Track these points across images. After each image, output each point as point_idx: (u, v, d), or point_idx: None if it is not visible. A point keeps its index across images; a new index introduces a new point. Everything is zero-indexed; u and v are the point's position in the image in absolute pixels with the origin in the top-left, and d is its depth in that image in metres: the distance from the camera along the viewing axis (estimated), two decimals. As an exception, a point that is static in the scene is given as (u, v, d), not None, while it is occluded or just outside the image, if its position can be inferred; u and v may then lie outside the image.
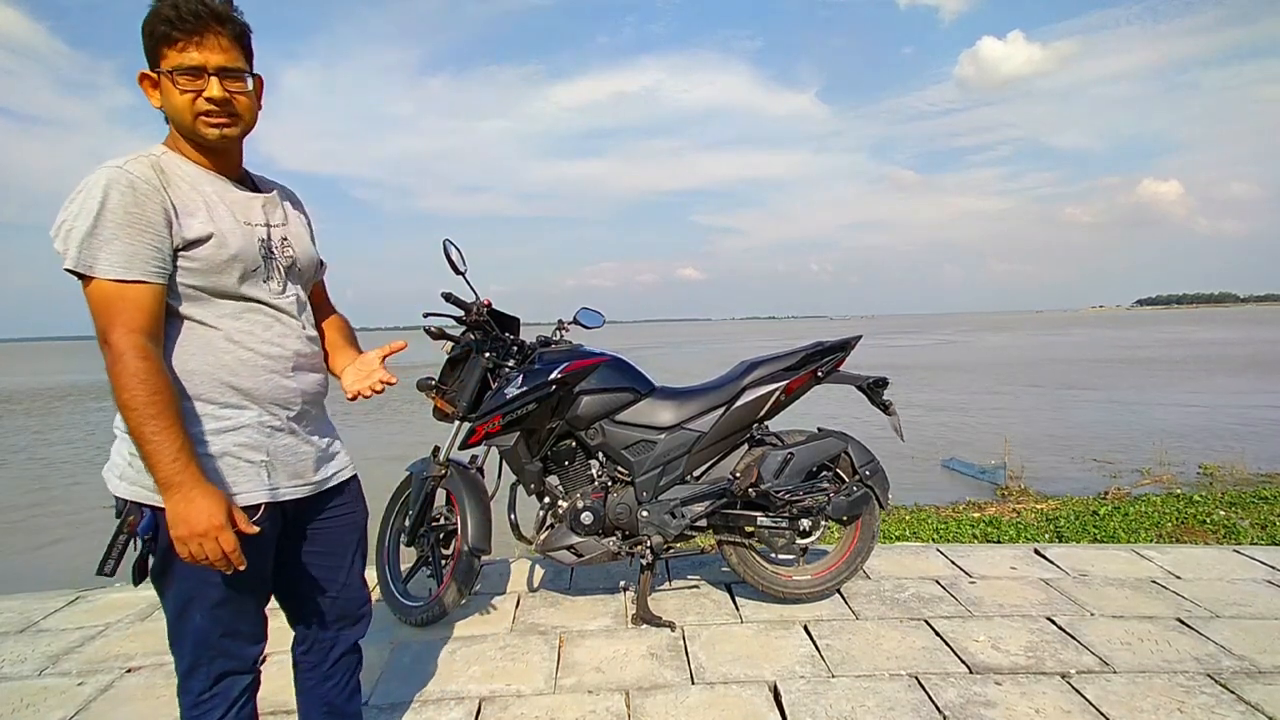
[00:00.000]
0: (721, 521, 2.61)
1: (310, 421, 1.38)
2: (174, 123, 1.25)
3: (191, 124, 1.22)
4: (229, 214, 1.25)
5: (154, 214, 1.15)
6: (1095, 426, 9.63)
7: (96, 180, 1.13)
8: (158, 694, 2.16)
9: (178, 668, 1.29)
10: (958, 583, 2.85)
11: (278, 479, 1.30)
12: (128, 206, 1.13)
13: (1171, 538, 3.99)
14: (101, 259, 1.12)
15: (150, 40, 1.20)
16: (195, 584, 1.23)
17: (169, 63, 1.19)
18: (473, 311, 2.58)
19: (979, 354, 27.60)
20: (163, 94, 1.22)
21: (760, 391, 2.63)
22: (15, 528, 6.57)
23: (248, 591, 1.30)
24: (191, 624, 1.26)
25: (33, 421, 14.82)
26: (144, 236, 1.14)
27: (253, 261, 1.27)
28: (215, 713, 1.29)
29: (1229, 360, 20.09)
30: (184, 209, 1.20)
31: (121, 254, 1.12)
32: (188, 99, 1.20)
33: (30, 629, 2.69)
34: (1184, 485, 5.90)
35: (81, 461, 9.85)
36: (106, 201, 1.12)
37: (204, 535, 1.12)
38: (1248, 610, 2.55)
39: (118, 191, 1.13)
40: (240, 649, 1.31)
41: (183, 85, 1.20)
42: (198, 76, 1.20)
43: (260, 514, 1.25)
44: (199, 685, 1.28)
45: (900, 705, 1.98)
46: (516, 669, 2.24)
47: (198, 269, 1.21)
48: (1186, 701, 1.97)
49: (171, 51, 1.19)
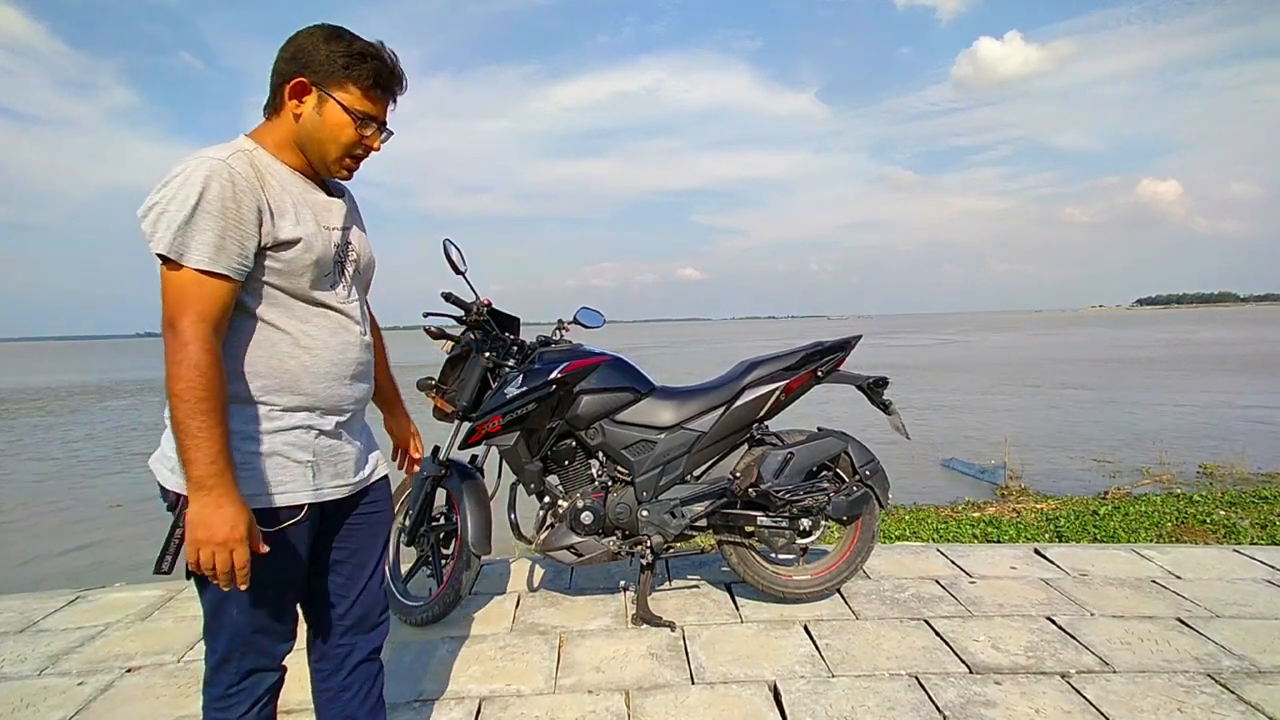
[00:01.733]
0: (721, 521, 2.61)
1: (355, 423, 1.40)
2: (310, 140, 1.27)
3: (335, 161, 1.29)
4: (313, 218, 1.27)
5: (248, 211, 1.16)
6: (1095, 426, 9.63)
7: (198, 169, 1.14)
8: (158, 694, 2.16)
9: (208, 660, 1.30)
10: (958, 583, 2.85)
11: (322, 479, 1.31)
12: (225, 200, 1.14)
13: (1171, 537, 3.99)
14: (192, 247, 1.12)
15: (340, 67, 1.23)
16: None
17: (355, 104, 1.25)
18: (473, 311, 2.58)
19: (979, 354, 27.61)
20: (321, 116, 1.25)
21: (760, 391, 2.63)
22: (15, 527, 6.57)
23: (284, 589, 1.31)
24: (228, 618, 1.26)
25: (32, 421, 14.83)
26: (235, 232, 1.15)
27: (327, 266, 1.28)
28: (240, 708, 1.29)
29: (1229, 360, 20.10)
30: (277, 209, 1.21)
31: (211, 245, 1.13)
32: (352, 138, 1.27)
33: (30, 629, 2.69)
34: (1184, 485, 5.90)
35: (81, 461, 9.85)
36: (206, 192, 1.12)
37: (221, 544, 1.11)
38: (1248, 610, 2.55)
39: (218, 184, 1.13)
40: (271, 645, 1.32)
41: (359, 127, 1.27)
42: (368, 125, 1.28)
43: (304, 514, 1.27)
44: (228, 679, 1.29)
45: (900, 705, 1.98)
46: (516, 669, 2.24)
47: (280, 270, 1.22)
48: (1186, 701, 1.97)
49: (362, 96, 1.26)
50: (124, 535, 6.03)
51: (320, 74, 1.23)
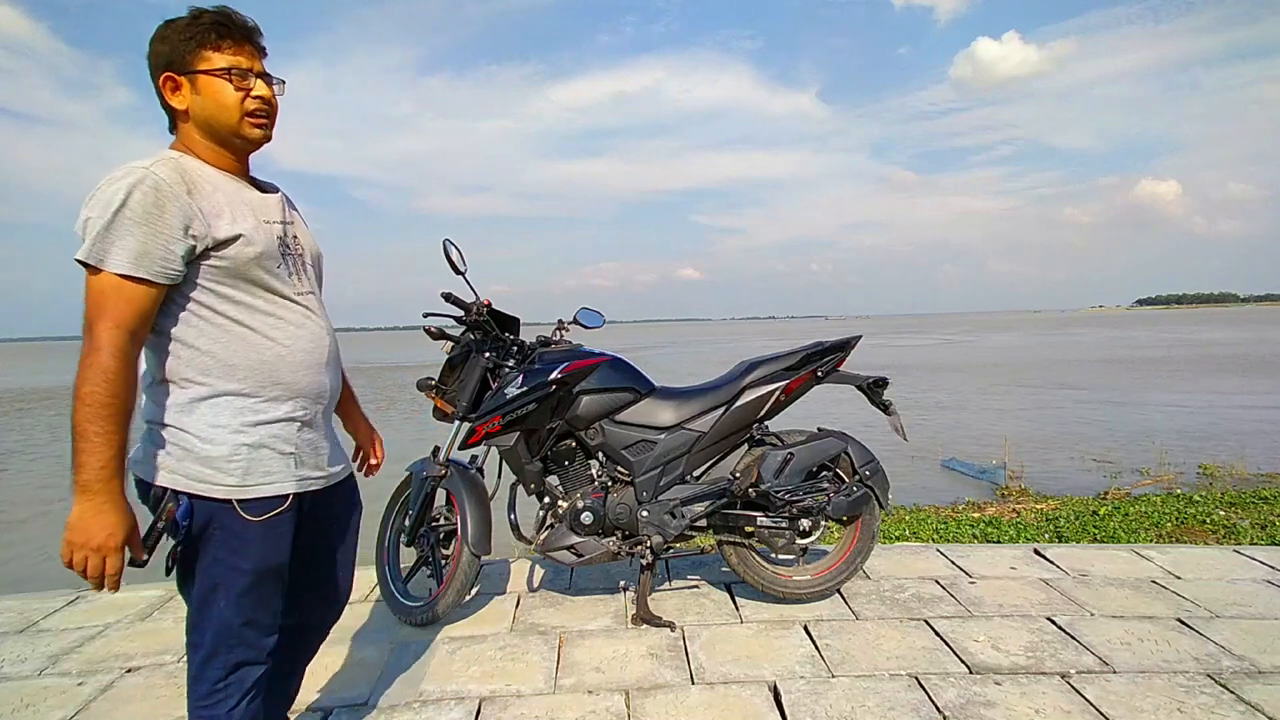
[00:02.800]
0: (721, 521, 2.61)
1: (325, 417, 1.45)
2: (208, 123, 1.29)
3: (237, 123, 1.30)
4: (250, 213, 1.30)
5: (172, 217, 1.19)
6: (1095, 426, 9.63)
7: (122, 178, 1.17)
8: (158, 694, 2.16)
9: (193, 657, 1.31)
10: (957, 583, 2.85)
11: (304, 469, 1.36)
12: (147, 206, 1.17)
13: (1171, 538, 3.99)
14: (112, 253, 1.15)
15: (188, 43, 1.26)
16: (222, 570, 1.28)
17: (216, 63, 1.27)
18: (473, 311, 2.58)
19: (979, 354, 27.60)
20: (200, 94, 1.27)
21: (760, 391, 2.63)
22: (16, 527, 6.57)
23: (270, 581, 1.34)
24: (215, 611, 1.29)
25: (32, 421, 14.83)
26: (157, 238, 1.17)
27: (275, 258, 1.33)
28: (229, 702, 1.30)
29: (1229, 360, 20.10)
30: (210, 211, 1.24)
31: (131, 251, 1.16)
32: (238, 96, 1.28)
33: (30, 629, 2.69)
34: (1184, 485, 5.90)
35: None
36: (128, 200, 1.16)
37: (96, 550, 1.14)
38: (1248, 610, 2.55)
39: (140, 191, 1.17)
40: (258, 639, 1.34)
41: (236, 83, 1.28)
42: (244, 77, 1.29)
43: (288, 503, 1.32)
44: (215, 674, 1.30)
45: (900, 705, 1.98)
46: (516, 669, 2.24)
47: (228, 267, 1.26)
48: (1186, 701, 1.97)
49: (218, 55, 1.27)
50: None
51: (176, 61, 1.27)
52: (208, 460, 1.24)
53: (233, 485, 1.25)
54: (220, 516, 1.26)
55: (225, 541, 1.27)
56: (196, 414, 1.25)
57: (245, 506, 1.26)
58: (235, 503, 1.26)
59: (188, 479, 1.24)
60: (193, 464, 1.24)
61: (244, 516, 1.27)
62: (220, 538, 1.27)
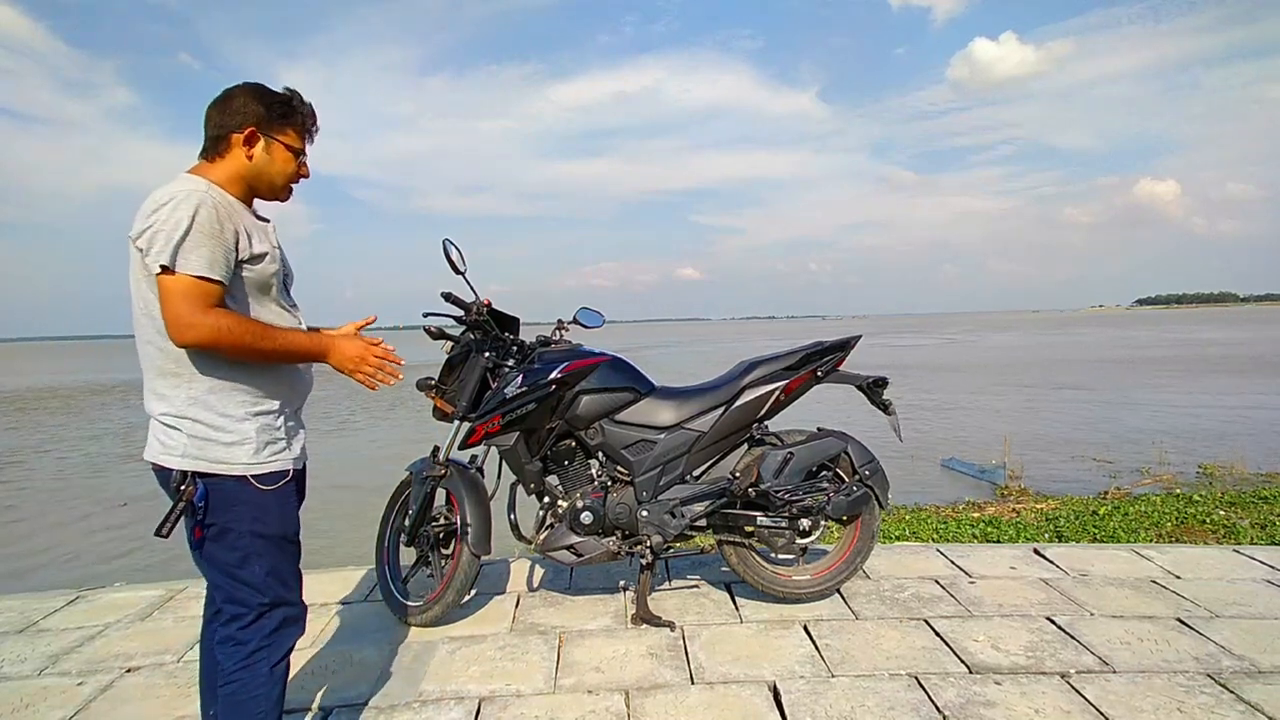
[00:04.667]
0: (721, 521, 2.61)
1: (301, 410, 1.68)
2: (261, 175, 1.57)
3: (282, 185, 1.62)
4: (265, 237, 1.56)
5: (229, 232, 1.44)
6: (1095, 426, 9.63)
7: (187, 198, 1.39)
8: (157, 694, 2.16)
9: (245, 615, 1.50)
10: (957, 583, 2.85)
11: (294, 450, 1.59)
12: (212, 222, 1.41)
13: (1171, 537, 3.99)
14: (191, 260, 1.38)
15: (281, 118, 1.56)
16: (251, 540, 1.48)
17: (294, 142, 1.59)
18: (472, 311, 2.58)
19: (978, 354, 27.60)
20: (270, 155, 1.56)
21: (760, 391, 2.63)
22: (16, 527, 6.57)
23: (290, 544, 1.57)
24: (252, 571, 1.49)
25: (31, 421, 14.83)
26: (221, 248, 1.42)
27: (280, 276, 1.59)
28: (272, 658, 1.52)
29: (1229, 360, 20.10)
30: (245, 232, 1.49)
31: (205, 259, 1.40)
32: (294, 170, 1.61)
33: (30, 629, 2.69)
34: (1184, 485, 5.90)
35: (80, 461, 9.86)
36: (197, 216, 1.39)
37: (359, 358, 1.56)
38: (1248, 610, 2.55)
39: (206, 209, 1.40)
40: (295, 595, 1.58)
41: (296, 160, 1.61)
42: (302, 158, 1.63)
43: (290, 476, 1.56)
44: (259, 633, 1.51)
45: (900, 705, 1.98)
46: (516, 669, 2.24)
47: (253, 279, 1.51)
48: (1186, 701, 1.97)
49: (298, 135, 1.60)
50: (126, 535, 6.04)
51: (265, 123, 1.54)
52: (224, 444, 1.45)
53: (248, 463, 1.47)
54: (240, 492, 1.47)
55: (247, 513, 1.48)
56: (208, 405, 1.45)
57: (260, 479, 1.48)
58: (251, 477, 1.47)
59: (209, 462, 1.44)
60: (211, 448, 1.44)
61: (260, 488, 1.48)
62: (243, 511, 1.47)
